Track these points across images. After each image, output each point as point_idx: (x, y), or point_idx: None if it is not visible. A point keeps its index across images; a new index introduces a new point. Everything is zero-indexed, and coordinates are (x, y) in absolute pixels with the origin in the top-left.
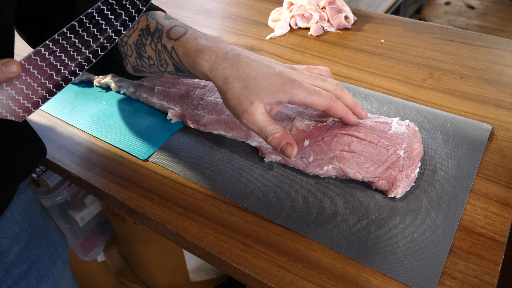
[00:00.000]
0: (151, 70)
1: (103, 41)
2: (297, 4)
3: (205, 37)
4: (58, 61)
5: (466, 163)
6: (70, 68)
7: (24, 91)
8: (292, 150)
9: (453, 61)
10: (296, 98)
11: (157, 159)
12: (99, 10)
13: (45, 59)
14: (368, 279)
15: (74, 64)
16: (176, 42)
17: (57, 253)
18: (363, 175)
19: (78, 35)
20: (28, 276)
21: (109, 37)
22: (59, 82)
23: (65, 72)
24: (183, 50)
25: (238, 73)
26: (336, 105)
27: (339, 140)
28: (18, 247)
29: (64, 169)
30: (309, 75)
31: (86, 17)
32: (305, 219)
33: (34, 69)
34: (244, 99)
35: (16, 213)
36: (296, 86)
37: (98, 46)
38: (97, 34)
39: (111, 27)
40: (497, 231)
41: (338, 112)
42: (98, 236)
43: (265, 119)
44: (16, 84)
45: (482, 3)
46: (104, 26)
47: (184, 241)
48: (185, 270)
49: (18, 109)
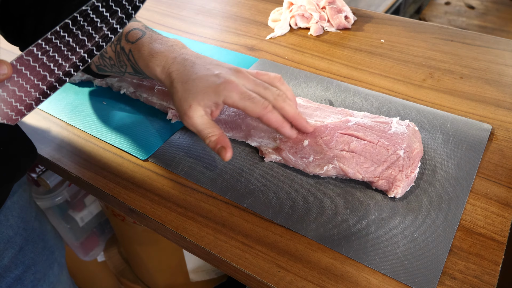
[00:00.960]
0: (112, 70)
1: (99, 40)
2: (297, 4)
3: (160, 41)
4: (52, 62)
5: (466, 163)
6: (64, 69)
7: (17, 93)
8: (226, 153)
9: (453, 61)
10: (229, 100)
11: (157, 159)
12: (94, 7)
13: (37, 59)
14: (368, 279)
15: (69, 64)
16: (133, 45)
17: (53, 256)
18: (363, 174)
19: (72, 33)
20: (23, 280)
21: (104, 35)
22: (53, 84)
23: (59, 73)
24: (138, 53)
25: (182, 76)
26: (269, 115)
27: (339, 140)
28: (12, 251)
29: (64, 169)
30: (252, 79)
31: (80, 15)
32: (305, 219)
33: (26, 70)
34: (184, 102)
35: (10, 216)
36: (230, 88)
37: (94, 45)
38: (92, 33)
39: (107, 25)
40: (497, 231)
41: (271, 123)
42: (98, 236)
43: (203, 121)
44: (7, 86)
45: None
46: (100, 24)
47: (184, 241)
48: (185, 270)
49: (10, 112)
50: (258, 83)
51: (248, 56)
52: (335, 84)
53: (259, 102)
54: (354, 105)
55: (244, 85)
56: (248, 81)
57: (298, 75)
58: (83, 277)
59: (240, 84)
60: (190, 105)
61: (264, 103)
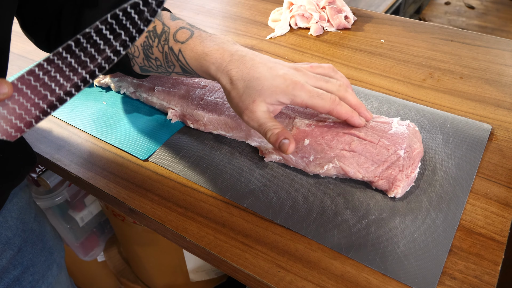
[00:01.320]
0: (158, 70)
1: (101, 61)
2: (297, 4)
3: (211, 39)
4: (53, 81)
5: (466, 163)
6: (65, 89)
7: (17, 110)
8: (289, 146)
9: (453, 61)
10: (298, 100)
11: (157, 159)
12: (98, 30)
13: (39, 79)
14: (368, 279)
15: (70, 84)
16: (183, 45)
17: (52, 257)
18: (363, 174)
19: (74, 55)
20: (22, 281)
21: (107, 57)
22: (54, 103)
23: (60, 93)
24: (190, 53)
25: (242, 74)
26: (339, 108)
27: (339, 139)
28: (11, 252)
29: (64, 169)
30: (312, 75)
31: (83, 37)
32: (305, 219)
33: (27, 89)
34: (247, 98)
35: (9, 218)
36: (298, 88)
37: (96, 66)
38: (95, 55)
39: (110, 47)
40: (497, 231)
41: (341, 115)
42: (98, 236)
43: (266, 116)
44: (8, 104)
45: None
46: (103, 46)
47: (184, 241)
48: (185, 270)
49: (10, 129)
50: (319, 78)
51: None
52: None
53: (328, 97)
54: None
55: (308, 82)
56: (309, 77)
57: None
58: (83, 277)
59: (306, 83)
60: (254, 100)
61: (332, 97)
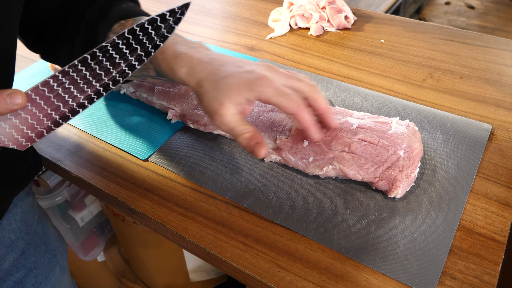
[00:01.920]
0: (135, 74)
1: (116, 75)
2: (297, 4)
3: (184, 43)
4: (67, 93)
5: (466, 163)
6: (78, 101)
7: (29, 121)
8: (261, 149)
9: (453, 61)
10: (263, 96)
11: (157, 159)
12: (114, 44)
13: (53, 90)
14: (368, 279)
15: (83, 96)
16: None
17: (55, 259)
18: (363, 175)
19: (90, 68)
20: (25, 284)
21: (122, 71)
22: (66, 114)
23: (73, 104)
24: (161, 55)
25: (210, 75)
26: (302, 114)
27: (338, 141)
28: (14, 255)
29: (64, 169)
30: (284, 74)
31: (99, 50)
32: (305, 219)
33: (41, 99)
34: (215, 101)
35: (13, 221)
36: (265, 84)
37: (110, 79)
38: (110, 68)
39: (125, 61)
40: (497, 231)
41: (302, 122)
42: (98, 236)
43: (235, 119)
44: (20, 113)
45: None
46: (118, 60)
47: (184, 241)
48: (185, 270)
49: (21, 138)
50: (291, 76)
51: (248, 56)
52: (335, 84)
53: (293, 100)
54: (354, 105)
55: (278, 80)
56: (281, 75)
57: None
58: (83, 277)
59: (274, 79)
60: (222, 103)
61: (298, 101)
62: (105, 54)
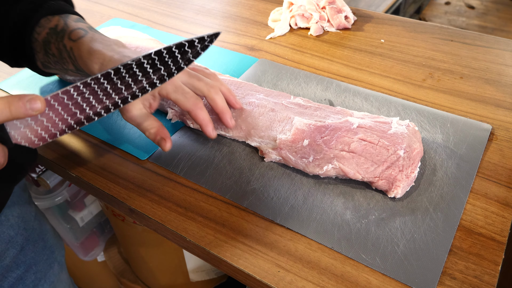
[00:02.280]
0: (56, 67)
1: (136, 90)
2: (297, 4)
3: (101, 41)
4: (85, 102)
5: (466, 163)
6: (95, 110)
7: (44, 123)
8: (166, 144)
9: (453, 61)
10: (163, 92)
11: (157, 159)
12: (139, 63)
13: (72, 98)
14: (368, 279)
15: (101, 106)
16: (74, 43)
17: (53, 256)
18: (363, 175)
19: (111, 81)
20: (25, 280)
21: (143, 87)
22: (82, 120)
23: (89, 112)
24: (78, 52)
25: None
26: (198, 112)
27: (339, 140)
28: (14, 251)
29: (64, 169)
30: (187, 71)
31: (124, 67)
32: (305, 219)
33: (59, 105)
34: None
35: (11, 216)
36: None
37: (129, 93)
38: (131, 84)
39: (147, 79)
40: (497, 231)
41: (197, 120)
42: (98, 236)
43: (142, 114)
44: (37, 116)
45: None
46: (141, 77)
47: (184, 241)
48: (185, 270)
49: (34, 137)
50: (192, 75)
51: (248, 56)
52: (335, 84)
53: (190, 98)
54: (354, 105)
55: (179, 77)
56: (183, 74)
57: (298, 75)
58: (83, 277)
59: (175, 77)
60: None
61: (194, 100)
62: (129, 71)
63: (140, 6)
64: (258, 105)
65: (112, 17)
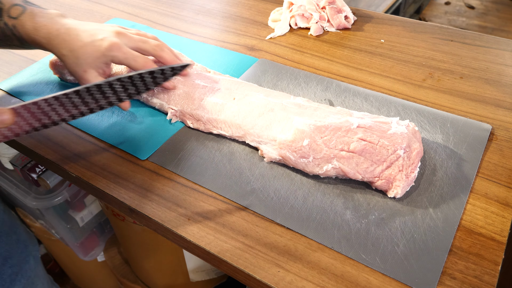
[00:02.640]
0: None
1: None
2: (297, 4)
3: (41, 15)
4: (53, 111)
5: (466, 163)
6: (62, 116)
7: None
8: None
9: (453, 61)
10: (115, 60)
11: (157, 159)
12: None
13: (40, 109)
14: (368, 279)
15: (68, 115)
16: (15, 20)
17: (27, 250)
18: (363, 175)
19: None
20: (2, 274)
21: (109, 102)
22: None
23: (55, 118)
24: (22, 28)
25: (69, 45)
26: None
27: (338, 140)
28: None
29: (64, 169)
30: (132, 37)
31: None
32: (305, 219)
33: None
34: (78, 68)
35: None
36: (115, 50)
37: (98, 106)
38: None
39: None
40: (497, 231)
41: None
42: (98, 236)
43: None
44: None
45: (482, 3)
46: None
47: (184, 241)
48: (185, 270)
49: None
50: (137, 40)
51: (248, 56)
52: (335, 84)
53: (141, 61)
54: (354, 105)
55: (126, 44)
56: (129, 40)
57: (298, 75)
58: (83, 277)
59: (123, 45)
60: (85, 70)
61: (144, 61)
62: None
63: (140, 6)
64: (258, 105)
65: (112, 17)
